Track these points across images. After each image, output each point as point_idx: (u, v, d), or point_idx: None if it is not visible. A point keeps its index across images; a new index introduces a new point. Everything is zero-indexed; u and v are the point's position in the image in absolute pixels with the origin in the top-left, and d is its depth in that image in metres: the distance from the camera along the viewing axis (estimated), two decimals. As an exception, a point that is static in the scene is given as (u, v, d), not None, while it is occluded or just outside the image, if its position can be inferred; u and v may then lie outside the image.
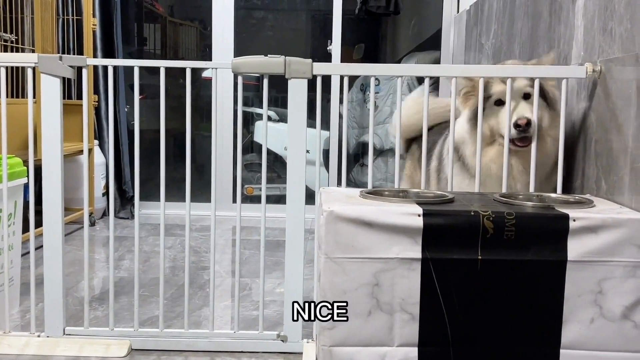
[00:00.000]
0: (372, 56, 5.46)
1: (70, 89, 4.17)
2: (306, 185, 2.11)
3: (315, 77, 2.06)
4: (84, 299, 2.19)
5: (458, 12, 4.51)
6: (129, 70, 4.49)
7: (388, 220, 1.55)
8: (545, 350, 1.57)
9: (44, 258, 2.10)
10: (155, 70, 2.16)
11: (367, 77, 4.97)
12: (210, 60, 4.62)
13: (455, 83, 2.08)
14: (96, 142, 4.34)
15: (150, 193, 3.96)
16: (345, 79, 2.10)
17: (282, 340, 2.12)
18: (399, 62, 5.25)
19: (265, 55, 2.06)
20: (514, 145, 2.07)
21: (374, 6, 4.83)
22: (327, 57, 4.55)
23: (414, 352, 1.57)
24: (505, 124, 2.04)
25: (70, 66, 2.08)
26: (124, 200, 4.47)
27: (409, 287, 1.55)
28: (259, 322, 2.15)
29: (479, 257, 1.53)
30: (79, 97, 4.20)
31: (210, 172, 2.14)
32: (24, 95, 3.77)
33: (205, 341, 2.13)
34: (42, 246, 2.10)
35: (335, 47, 4.52)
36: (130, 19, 5.11)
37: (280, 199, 4.46)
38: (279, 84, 2.34)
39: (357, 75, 4.68)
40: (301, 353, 2.09)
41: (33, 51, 3.68)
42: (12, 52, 3.65)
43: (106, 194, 4.37)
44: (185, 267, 2.16)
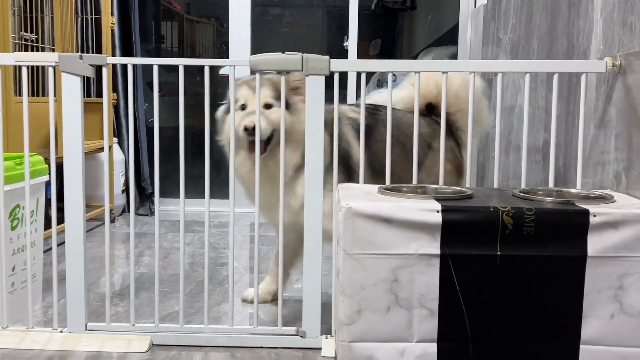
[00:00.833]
0: (389, 52, 5.45)
1: (89, 87, 4.21)
2: (324, 182, 2.11)
3: (332, 73, 2.06)
4: (104, 295, 2.22)
5: (475, 6, 4.48)
6: (146, 68, 4.52)
7: (406, 216, 1.55)
8: (564, 346, 1.57)
9: (66, 255, 2.13)
10: (172, 68, 2.18)
11: (383, 73, 4.96)
12: (227, 57, 4.64)
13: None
14: (115, 139, 4.38)
15: (168, 190, 3.99)
16: (363, 76, 2.10)
17: (301, 336, 2.13)
18: (415, 57, 5.23)
19: (283, 52, 2.06)
20: (248, 152, 2.25)
21: (390, 2, 4.82)
22: (343, 54, 4.55)
23: (432, 347, 1.57)
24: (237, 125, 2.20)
25: (90, 65, 2.11)
26: (143, 197, 4.51)
27: (427, 283, 1.55)
28: (278, 317, 2.16)
29: (498, 253, 1.53)
30: (98, 95, 4.24)
31: (227, 169, 2.15)
32: (43, 94, 3.81)
33: (225, 337, 2.15)
34: (63, 243, 2.13)
35: (352, 43, 4.52)
36: (148, 17, 5.15)
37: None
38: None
39: (373, 72, 4.67)
40: (320, 349, 2.10)
41: (53, 50, 3.71)
42: (32, 51, 3.70)
43: (125, 190, 4.41)
44: (205, 263, 2.18)
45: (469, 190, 1.73)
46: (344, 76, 4.40)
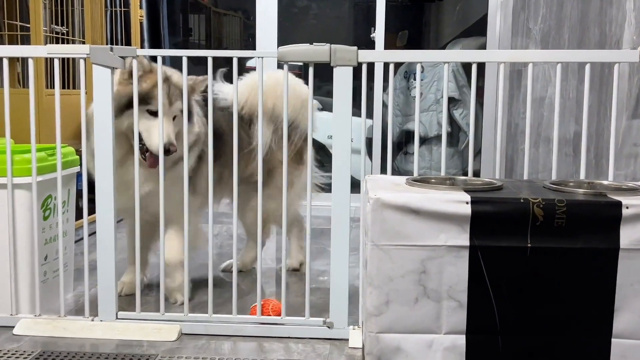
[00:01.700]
0: (416, 43, 5.41)
1: (118, 79, 4.26)
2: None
3: (360, 64, 2.06)
4: (134, 284, 2.25)
5: (504, -4, 4.42)
6: (174, 60, 4.56)
7: (435, 207, 1.54)
8: (596, 340, 1.55)
9: (97, 244, 2.16)
10: (199, 61, 2.19)
11: (410, 65, 4.93)
12: (254, 49, 4.65)
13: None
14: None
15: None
16: (391, 66, 2.09)
17: (329, 327, 2.14)
18: (443, 48, 5.19)
19: (311, 43, 2.06)
20: (144, 159, 2.26)
21: (417, -8, 4.78)
22: (369, 45, 4.53)
23: (461, 339, 1.57)
24: (154, 137, 2.21)
25: (120, 57, 2.13)
26: (171, 189, 4.54)
27: (456, 275, 1.55)
28: (306, 308, 2.17)
29: (529, 245, 1.52)
30: (127, 87, 4.28)
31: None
32: (74, 86, 3.86)
33: (253, 326, 2.16)
34: (94, 233, 2.16)
35: (379, 34, 4.49)
36: (176, 10, 5.18)
37: (323, 188, 4.47)
38: (322, 72, 2.34)
39: (401, 62, 4.64)
40: (347, 339, 2.10)
41: (83, 43, 3.76)
42: (63, 44, 3.75)
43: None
44: (233, 254, 2.19)
45: (499, 182, 1.72)
46: (370, 67, 4.39)
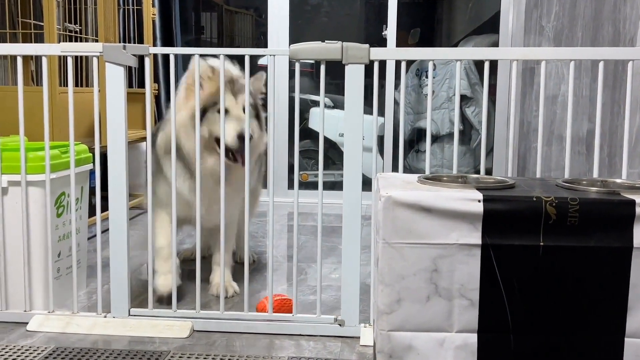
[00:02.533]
0: (428, 40, 5.39)
1: (130, 78, 4.28)
2: (362, 172, 2.11)
3: (372, 62, 2.05)
4: (146, 281, 2.26)
5: (517, -6, 4.40)
6: (186, 58, 4.57)
7: (447, 205, 1.54)
8: (609, 339, 1.54)
9: (110, 241, 2.17)
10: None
11: (422, 62, 4.91)
12: (266, 47, 4.66)
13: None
14: (156, 129, 4.44)
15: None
16: (403, 64, 2.08)
17: (340, 325, 2.14)
18: (455, 46, 5.17)
19: (322, 41, 2.06)
20: (228, 159, 2.23)
21: (430, -10, 4.76)
22: (381, 43, 4.52)
23: (473, 338, 1.56)
24: (229, 131, 2.21)
25: (132, 55, 2.14)
26: (183, 186, 4.56)
27: (468, 273, 1.54)
28: (317, 306, 2.17)
29: (541, 244, 1.51)
30: (139, 85, 4.30)
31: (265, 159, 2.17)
32: (87, 84, 3.89)
33: (264, 324, 2.17)
34: (107, 230, 2.18)
35: (391, 32, 4.48)
36: (188, 8, 5.20)
37: (334, 185, 4.47)
38: (333, 70, 2.34)
39: (413, 60, 4.63)
40: (358, 337, 2.11)
41: (96, 41, 3.78)
42: (76, 42, 3.77)
43: (166, 180, 4.47)
44: (245, 252, 2.20)
45: (511, 180, 1.71)
46: (382, 65, 4.38)
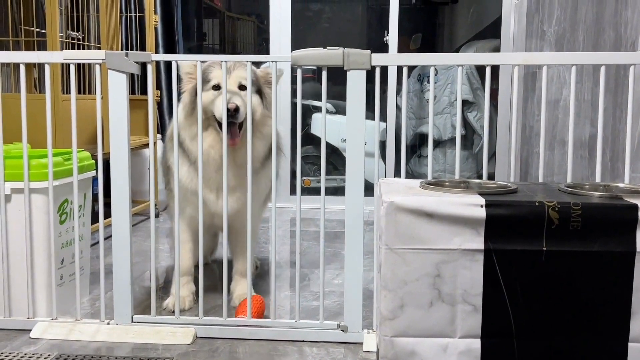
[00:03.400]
0: (430, 46, 5.40)
1: (132, 85, 4.30)
2: (364, 177, 2.11)
3: (373, 68, 2.06)
4: (149, 288, 2.26)
5: (518, -1, 4.41)
6: (189, 65, 4.58)
7: (449, 210, 1.54)
8: (613, 344, 1.53)
9: (112, 248, 2.17)
10: (215, 65, 2.20)
11: (424, 68, 4.92)
12: (268, 54, 4.67)
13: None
14: (159, 136, 4.45)
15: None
16: (404, 69, 2.09)
17: (343, 330, 2.14)
18: (456, 51, 5.18)
19: (324, 47, 2.06)
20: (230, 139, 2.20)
21: (431, -5, 4.78)
22: (383, 48, 4.53)
23: (476, 343, 1.56)
24: (218, 107, 2.21)
25: (135, 62, 2.14)
26: (186, 193, 4.57)
27: (471, 279, 1.54)
28: (320, 312, 2.17)
29: (544, 249, 1.51)
30: (141, 92, 4.32)
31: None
32: (89, 92, 3.90)
33: (267, 330, 2.17)
34: (110, 237, 2.18)
35: (392, 37, 4.49)
36: (190, 15, 5.21)
37: (336, 191, 4.47)
38: (335, 76, 2.35)
39: (414, 66, 4.64)
40: (361, 343, 2.10)
41: (99, 48, 3.80)
42: (79, 49, 3.79)
43: (168, 186, 4.48)
44: (248, 258, 2.20)
45: (514, 185, 1.71)
46: (384, 71, 4.38)
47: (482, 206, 1.53)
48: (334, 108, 5.02)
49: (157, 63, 4.33)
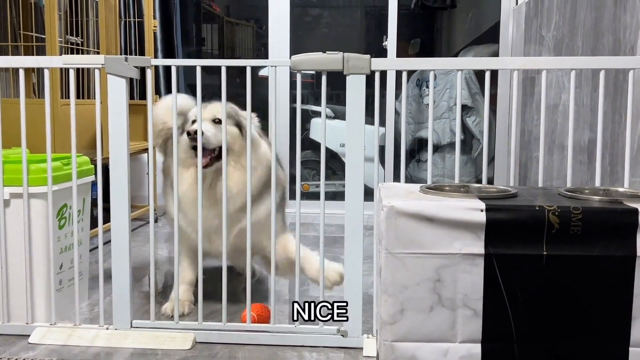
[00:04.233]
0: (428, 51, 5.41)
1: (131, 89, 4.30)
2: (364, 182, 2.11)
3: (373, 72, 2.06)
4: (148, 293, 2.25)
5: (517, 4, 4.42)
6: (187, 70, 4.59)
7: (450, 215, 1.54)
8: (614, 348, 1.53)
9: (112, 253, 2.17)
10: (212, 70, 2.20)
11: (423, 72, 4.93)
12: (266, 59, 4.67)
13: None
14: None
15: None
16: (404, 74, 2.09)
17: (343, 335, 2.13)
18: (455, 56, 5.19)
19: (323, 52, 2.07)
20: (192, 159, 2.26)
21: (430, 0, 4.79)
22: (382, 53, 4.53)
23: (477, 348, 1.56)
24: (183, 142, 2.31)
25: (134, 66, 2.14)
26: (184, 198, 4.56)
27: (471, 283, 1.54)
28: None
29: (544, 253, 1.50)
30: (141, 97, 4.32)
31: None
32: (88, 96, 3.90)
33: (267, 335, 2.16)
34: (109, 242, 2.18)
35: (391, 42, 4.49)
36: (189, 20, 5.22)
37: (335, 196, 4.47)
38: (334, 81, 2.35)
39: (413, 70, 4.64)
40: (361, 348, 2.10)
41: (98, 53, 3.80)
42: (78, 54, 3.79)
43: (167, 191, 4.48)
44: (247, 263, 2.19)
45: (514, 189, 1.71)
46: (383, 76, 4.39)
47: (482, 210, 1.53)
48: (332, 113, 5.02)
49: (157, 68, 4.34)
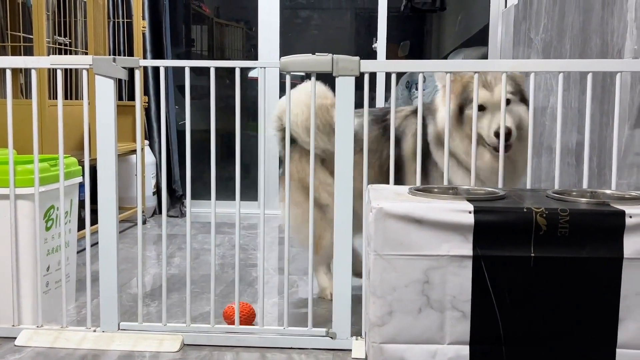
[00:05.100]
0: (418, 53, 5.42)
1: (120, 90, 4.27)
2: (354, 183, 2.10)
3: (362, 74, 2.06)
4: (136, 295, 2.24)
5: (506, 6, 4.44)
6: (176, 71, 4.58)
7: (438, 217, 1.54)
8: (601, 350, 1.54)
9: (99, 255, 2.15)
10: (202, 71, 2.19)
11: (412, 75, 4.93)
12: (256, 60, 4.67)
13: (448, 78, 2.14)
14: (146, 142, 4.43)
15: (199, 192, 4.02)
16: (393, 76, 2.09)
17: (331, 337, 2.13)
18: (445, 58, 5.20)
19: (313, 53, 2.07)
20: (495, 151, 2.16)
21: (419, 3, 4.80)
22: (372, 55, 4.54)
23: (465, 350, 1.56)
24: (485, 129, 2.20)
25: (122, 67, 2.13)
26: (174, 199, 4.56)
27: (460, 285, 1.54)
28: (308, 318, 2.16)
29: (532, 255, 1.51)
30: (129, 98, 4.30)
31: (257, 171, 2.16)
32: (76, 97, 3.87)
33: (256, 337, 2.16)
34: (96, 244, 2.16)
35: (381, 44, 4.51)
36: (178, 21, 5.20)
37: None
38: (324, 82, 2.35)
39: (403, 73, 4.65)
40: (350, 350, 2.09)
41: (86, 54, 3.78)
42: (66, 54, 3.76)
43: (156, 193, 4.47)
44: (235, 264, 2.19)
45: (502, 191, 1.71)
46: (372, 78, 4.39)
47: (470, 212, 1.53)
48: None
49: (145, 68, 4.32)
